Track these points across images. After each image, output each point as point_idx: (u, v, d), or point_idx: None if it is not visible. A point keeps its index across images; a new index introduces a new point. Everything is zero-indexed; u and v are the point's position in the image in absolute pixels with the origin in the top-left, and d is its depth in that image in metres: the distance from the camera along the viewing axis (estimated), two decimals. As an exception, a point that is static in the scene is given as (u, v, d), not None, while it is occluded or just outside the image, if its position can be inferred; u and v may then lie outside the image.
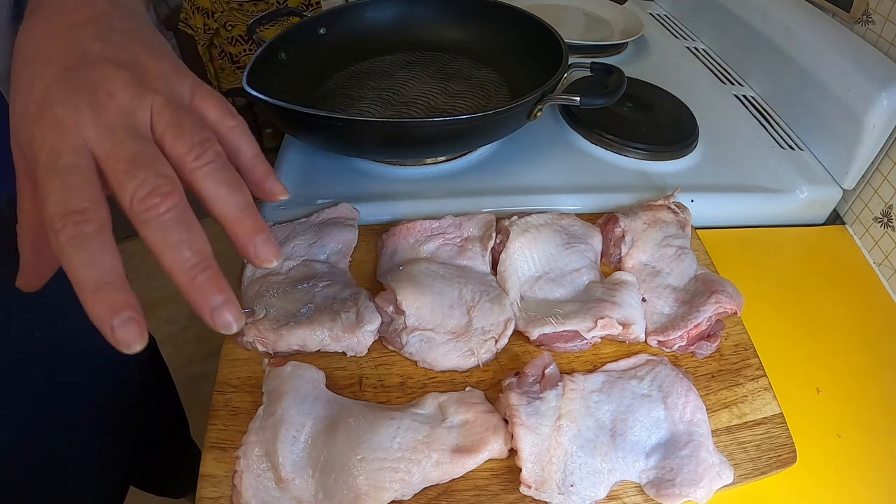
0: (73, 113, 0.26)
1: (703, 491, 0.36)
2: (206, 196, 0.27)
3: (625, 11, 0.93)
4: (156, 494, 0.85)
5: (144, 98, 0.27)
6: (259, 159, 0.32)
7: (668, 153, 0.64)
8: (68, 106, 0.26)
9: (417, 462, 0.36)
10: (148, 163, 0.26)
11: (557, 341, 0.44)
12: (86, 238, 0.24)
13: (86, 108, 0.26)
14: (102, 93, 0.27)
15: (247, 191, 0.28)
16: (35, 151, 0.26)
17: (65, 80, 0.27)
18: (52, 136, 0.25)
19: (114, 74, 0.27)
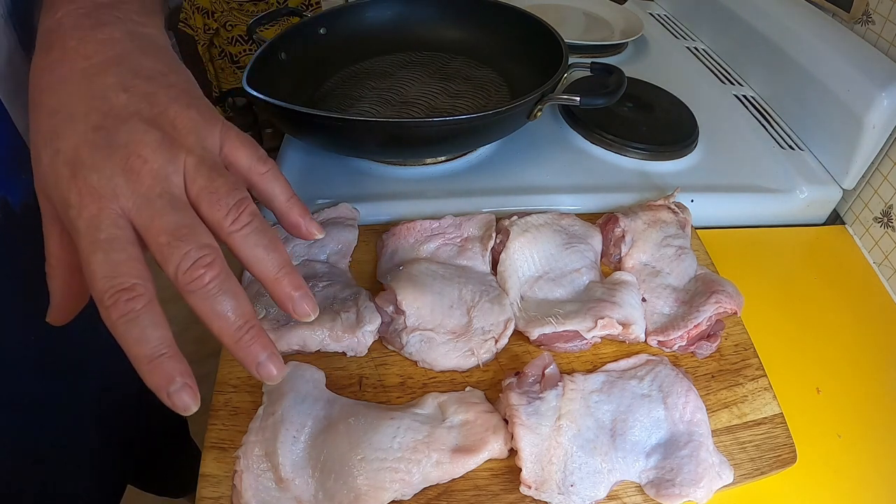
0: (108, 182, 0.26)
1: (703, 491, 0.36)
2: (245, 259, 0.29)
3: (625, 11, 0.93)
4: (156, 494, 0.85)
5: (177, 160, 0.28)
6: (293, 202, 0.33)
7: (668, 153, 0.64)
8: (102, 174, 0.26)
9: (417, 462, 0.36)
10: (189, 235, 0.27)
11: (557, 341, 0.44)
12: (137, 315, 0.25)
13: (120, 177, 0.26)
14: (135, 158, 0.27)
15: (283, 249, 0.30)
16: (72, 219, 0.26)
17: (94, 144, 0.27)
18: (90, 205, 0.26)
19: (144, 135, 0.27)
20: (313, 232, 0.34)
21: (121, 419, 0.58)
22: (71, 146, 0.27)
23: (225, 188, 0.28)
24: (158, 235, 0.26)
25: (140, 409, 0.63)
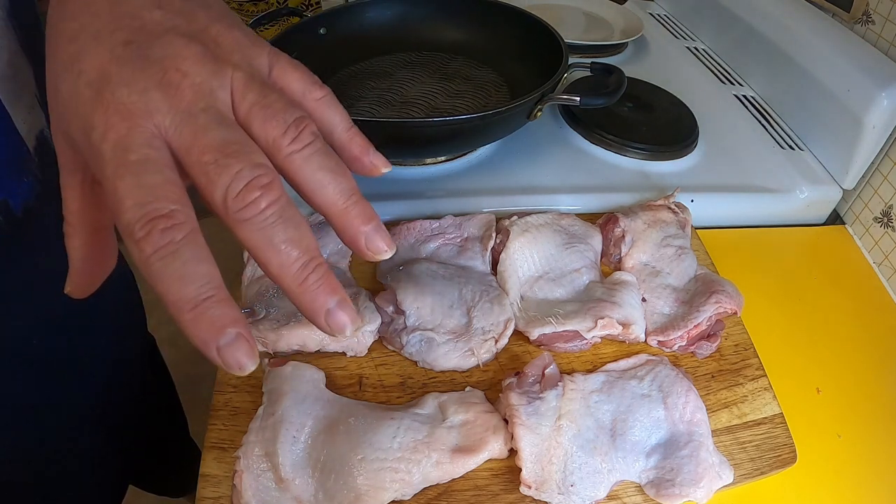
0: (142, 96, 0.22)
1: (703, 491, 0.36)
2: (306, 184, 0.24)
3: (625, 11, 0.93)
4: (156, 494, 0.85)
5: (223, 74, 0.23)
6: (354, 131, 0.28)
7: (668, 153, 0.64)
8: (134, 88, 0.22)
9: (417, 462, 0.36)
10: (240, 151, 0.22)
11: (557, 341, 0.44)
12: (177, 247, 0.20)
13: (156, 91, 0.22)
14: (174, 71, 0.23)
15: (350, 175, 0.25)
16: (94, 144, 0.22)
17: (125, 58, 0.23)
18: (118, 125, 0.22)
19: (184, 48, 0.23)
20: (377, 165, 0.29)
21: (122, 419, 0.58)
22: (96, 65, 0.23)
23: (280, 104, 0.24)
24: (202, 154, 0.22)
25: (141, 409, 0.63)
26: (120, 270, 0.57)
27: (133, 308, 0.61)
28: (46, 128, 0.39)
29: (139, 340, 0.63)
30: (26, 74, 0.37)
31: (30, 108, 0.37)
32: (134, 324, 0.61)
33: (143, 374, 0.64)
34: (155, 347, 0.73)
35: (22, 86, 0.36)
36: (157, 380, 0.72)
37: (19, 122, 0.36)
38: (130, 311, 0.60)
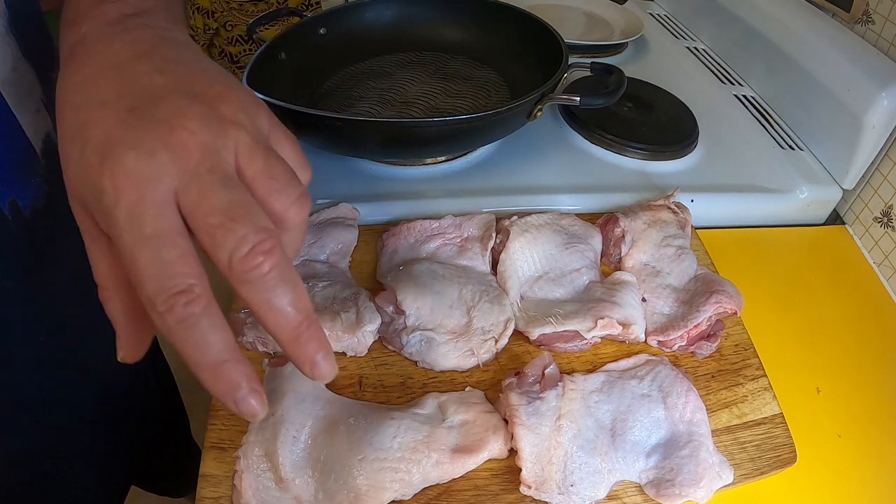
0: (149, 159, 0.22)
1: (703, 491, 0.36)
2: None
3: (625, 11, 0.93)
4: (156, 494, 0.85)
5: (227, 135, 0.24)
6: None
7: (668, 153, 0.64)
8: (141, 151, 0.22)
9: (417, 462, 0.36)
10: (245, 215, 0.23)
11: (557, 341, 0.44)
12: (196, 319, 0.22)
13: (163, 152, 0.23)
14: (180, 129, 0.23)
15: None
16: (107, 209, 0.22)
17: (130, 123, 0.23)
18: (128, 192, 0.22)
19: (188, 108, 0.24)
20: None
21: (124, 419, 0.58)
22: (102, 132, 0.23)
23: (285, 177, 0.25)
24: (209, 216, 0.22)
25: (144, 409, 0.63)
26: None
27: None
28: (52, 130, 0.40)
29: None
30: (30, 79, 0.37)
31: (36, 111, 0.38)
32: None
33: (146, 374, 0.64)
34: (157, 347, 0.73)
35: (27, 90, 0.37)
36: (159, 380, 0.72)
37: (26, 124, 0.37)
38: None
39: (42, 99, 0.39)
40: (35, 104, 0.38)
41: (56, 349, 0.44)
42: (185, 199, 0.23)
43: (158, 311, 0.22)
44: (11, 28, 0.36)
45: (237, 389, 0.23)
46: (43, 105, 0.39)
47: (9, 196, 0.36)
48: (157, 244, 0.22)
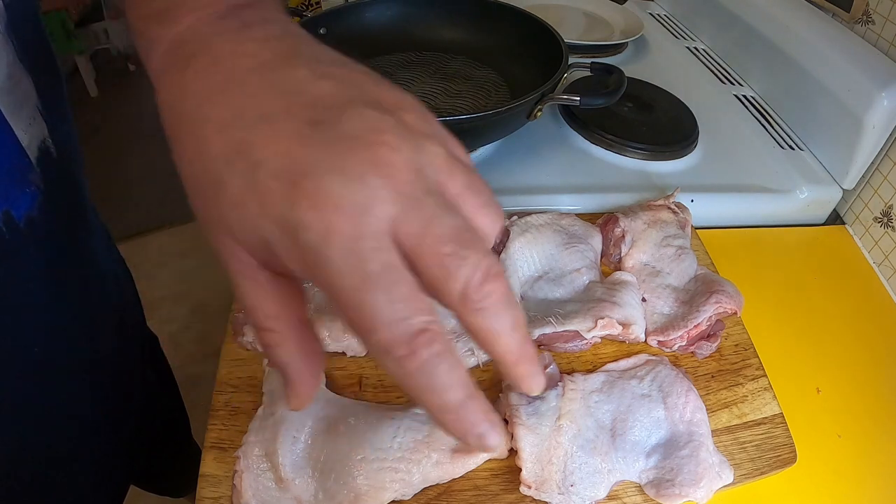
0: (359, 185, 0.19)
1: (703, 491, 0.36)
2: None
3: (625, 11, 0.93)
4: (156, 494, 0.85)
5: (425, 149, 0.21)
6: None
7: (668, 153, 0.64)
8: (347, 175, 0.19)
9: (417, 462, 0.36)
10: (472, 240, 0.21)
11: (557, 341, 0.44)
12: (438, 361, 0.20)
13: (373, 176, 0.19)
14: (380, 147, 0.20)
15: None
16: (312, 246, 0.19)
17: (318, 140, 0.20)
18: (340, 224, 0.19)
19: (378, 121, 0.21)
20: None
21: (124, 420, 0.58)
22: (279, 153, 0.20)
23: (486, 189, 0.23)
24: (440, 245, 0.20)
25: (143, 409, 0.63)
26: (118, 271, 0.58)
27: (131, 307, 0.61)
28: (48, 138, 0.39)
29: (139, 338, 0.63)
30: (26, 86, 0.37)
31: (31, 119, 0.37)
32: (134, 322, 0.61)
33: (145, 374, 0.64)
34: (157, 347, 0.73)
35: (22, 97, 0.36)
36: (160, 379, 0.72)
37: (20, 132, 0.36)
38: (130, 309, 0.60)
39: (38, 106, 0.38)
40: (30, 112, 0.37)
41: (53, 356, 0.44)
42: (408, 229, 0.20)
43: (397, 357, 0.20)
44: (9, 33, 0.35)
45: (478, 427, 0.22)
46: (39, 112, 0.38)
47: (2, 206, 0.36)
48: (386, 281, 0.19)
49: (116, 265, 0.58)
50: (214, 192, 0.21)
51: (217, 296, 1.85)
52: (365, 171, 0.20)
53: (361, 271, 0.19)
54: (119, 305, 0.56)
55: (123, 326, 0.56)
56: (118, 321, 0.55)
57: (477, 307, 0.21)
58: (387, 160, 0.20)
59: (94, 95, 2.85)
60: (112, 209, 2.14)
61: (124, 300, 0.58)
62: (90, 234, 0.49)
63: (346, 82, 0.22)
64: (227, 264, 0.22)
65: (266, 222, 0.20)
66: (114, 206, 2.18)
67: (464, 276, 0.20)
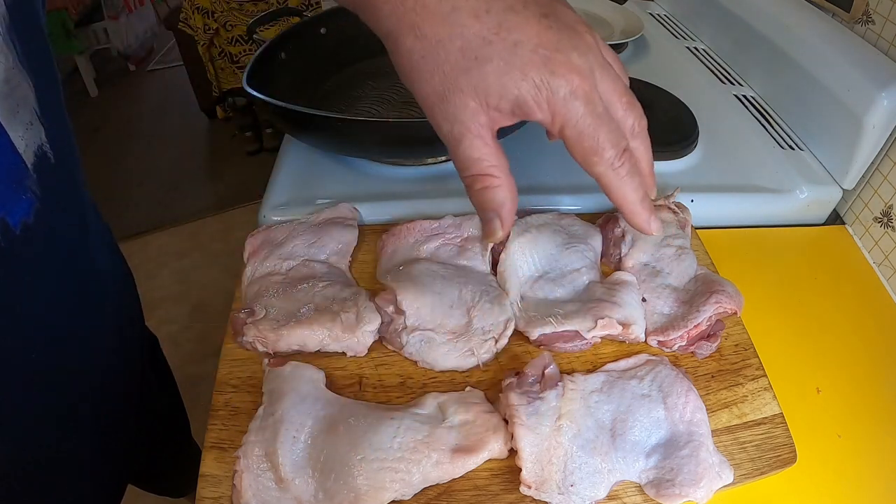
0: (586, 59, 0.30)
1: (703, 491, 0.36)
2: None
3: (625, 11, 0.93)
4: (156, 494, 0.85)
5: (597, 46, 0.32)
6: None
7: (668, 153, 0.64)
8: (581, 52, 0.29)
9: (417, 462, 0.36)
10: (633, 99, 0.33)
11: (557, 341, 0.44)
12: (634, 169, 0.32)
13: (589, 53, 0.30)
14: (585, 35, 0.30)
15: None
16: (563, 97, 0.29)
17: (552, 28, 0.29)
18: (580, 83, 0.29)
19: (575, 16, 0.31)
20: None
21: (123, 421, 0.58)
22: (532, 34, 0.29)
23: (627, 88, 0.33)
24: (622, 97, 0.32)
25: (142, 409, 0.63)
26: (118, 272, 0.58)
27: (131, 308, 0.61)
28: (45, 143, 0.39)
29: (138, 338, 0.63)
30: (24, 90, 0.36)
31: (28, 123, 0.37)
32: (132, 323, 0.61)
33: (145, 374, 0.64)
34: (157, 347, 0.73)
35: (20, 102, 0.36)
36: (159, 379, 0.72)
37: (17, 138, 0.36)
38: (128, 310, 0.60)
39: (35, 110, 0.37)
40: (28, 116, 0.37)
41: (51, 361, 0.44)
42: (606, 87, 0.31)
43: (616, 167, 0.32)
44: (10, 36, 0.34)
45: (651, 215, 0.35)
46: (36, 117, 0.37)
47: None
48: (606, 120, 0.31)
49: (117, 265, 0.58)
50: (477, 64, 0.29)
51: (217, 296, 1.85)
52: (585, 49, 0.30)
53: (595, 113, 0.30)
54: (119, 306, 0.56)
55: (123, 327, 0.56)
56: (117, 322, 0.55)
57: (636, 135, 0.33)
58: (590, 43, 0.31)
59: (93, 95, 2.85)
60: (112, 209, 2.14)
61: (124, 301, 0.58)
62: (89, 237, 0.49)
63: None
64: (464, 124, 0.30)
65: (527, 84, 0.29)
66: (114, 206, 2.18)
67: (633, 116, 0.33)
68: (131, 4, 2.91)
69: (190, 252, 1.97)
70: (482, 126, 0.31)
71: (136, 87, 3.00)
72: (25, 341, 0.41)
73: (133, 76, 3.07)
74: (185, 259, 1.94)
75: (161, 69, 3.16)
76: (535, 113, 0.30)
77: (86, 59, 2.74)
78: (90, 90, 2.82)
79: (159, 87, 3.02)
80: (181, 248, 1.99)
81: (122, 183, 2.37)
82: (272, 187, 0.59)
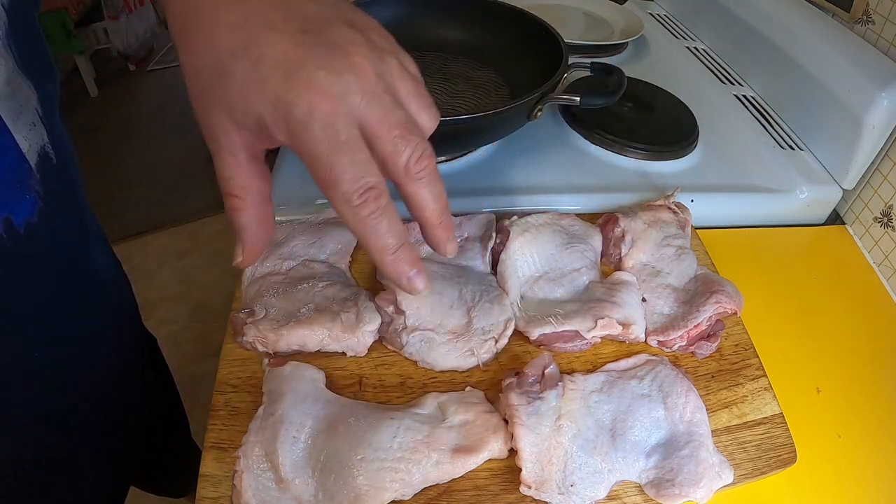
0: (338, 79, 0.26)
1: (703, 491, 0.36)
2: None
3: (625, 11, 0.93)
4: (156, 494, 0.85)
5: (385, 61, 0.28)
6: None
7: (668, 153, 0.64)
8: (329, 70, 0.26)
9: (417, 462, 0.36)
10: (415, 128, 0.28)
11: (557, 341, 0.44)
12: (382, 210, 0.27)
13: (349, 74, 0.26)
14: (355, 55, 0.27)
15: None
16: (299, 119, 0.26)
17: (309, 44, 0.26)
18: (322, 104, 0.26)
19: (354, 36, 0.28)
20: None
21: (123, 422, 0.58)
22: (278, 51, 0.26)
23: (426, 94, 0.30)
24: (392, 129, 0.27)
25: (142, 410, 0.63)
26: (115, 273, 0.58)
27: (130, 308, 0.61)
28: (48, 144, 0.39)
29: (138, 339, 0.63)
30: (26, 92, 0.37)
31: (31, 124, 0.37)
32: (132, 323, 0.62)
33: (144, 375, 0.64)
34: (156, 347, 0.73)
35: (22, 103, 0.36)
36: (158, 380, 0.72)
37: (20, 138, 0.36)
38: (128, 311, 0.60)
39: (37, 111, 0.38)
40: (30, 118, 0.37)
41: (52, 361, 0.44)
42: (369, 115, 0.27)
43: (354, 205, 0.27)
44: (8, 39, 0.35)
45: (410, 269, 0.29)
46: (39, 118, 0.38)
47: (2, 213, 0.36)
48: (351, 149, 0.26)
49: (114, 268, 0.58)
50: (221, 79, 0.27)
51: (217, 296, 1.85)
52: (343, 70, 0.26)
53: (334, 139, 0.26)
54: (117, 307, 0.56)
55: (122, 328, 0.56)
56: (117, 322, 0.55)
57: (414, 178, 0.28)
58: (359, 65, 0.27)
59: (93, 95, 2.85)
60: (112, 209, 2.14)
61: (122, 302, 0.58)
62: (88, 238, 0.49)
63: (329, 6, 0.29)
64: (217, 140, 0.28)
65: (264, 102, 0.26)
66: (113, 206, 2.18)
67: (408, 152, 0.28)
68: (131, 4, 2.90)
69: (190, 252, 1.97)
70: (235, 144, 0.28)
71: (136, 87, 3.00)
72: (25, 341, 0.41)
73: (133, 76, 3.07)
74: (185, 259, 1.93)
75: (161, 69, 3.16)
76: (275, 134, 0.27)
77: (86, 59, 2.74)
78: (90, 90, 2.82)
79: (159, 87, 3.02)
80: (181, 248, 1.99)
81: (122, 183, 2.37)
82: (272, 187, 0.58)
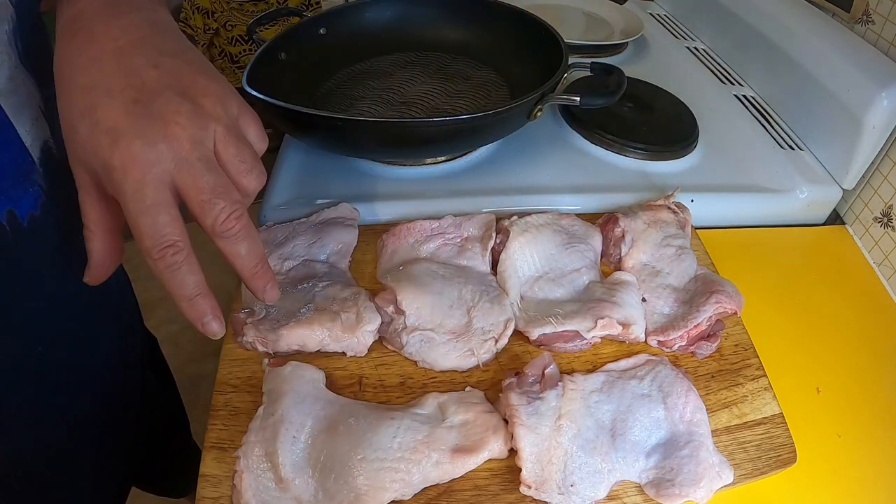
0: (151, 148, 0.29)
1: (703, 491, 0.36)
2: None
3: (625, 11, 0.93)
4: (156, 494, 0.85)
5: (208, 128, 0.31)
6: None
7: (668, 153, 0.64)
8: (145, 140, 0.29)
9: (417, 462, 0.36)
10: (225, 192, 0.31)
11: (557, 341, 0.44)
12: (179, 264, 0.31)
13: (162, 143, 0.30)
14: (173, 125, 0.30)
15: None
16: (116, 181, 0.29)
17: (134, 114, 0.30)
18: (134, 170, 0.29)
19: (179, 105, 0.31)
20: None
21: (124, 421, 0.58)
22: (110, 118, 0.29)
23: (251, 158, 0.33)
24: (200, 194, 0.30)
25: (143, 410, 0.63)
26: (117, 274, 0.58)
27: (130, 308, 0.61)
28: (51, 139, 0.40)
29: (138, 338, 0.63)
30: (29, 87, 0.37)
31: (34, 119, 0.38)
32: (132, 323, 0.62)
33: (144, 375, 0.64)
34: (156, 347, 0.73)
35: (25, 98, 0.37)
36: (158, 380, 0.72)
37: (24, 133, 0.37)
38: (128, 311, 0.60)
39: (41, 107, 0.38)
40: (33, 112, 0.38)
41: (54, 358, 0.44)
42: (180, 180, 0.30)
43: (154, 259, 0.30)
44: (13, 36, 0.36)
45: (204, 316, 0.32)
46: (41, 113, 0.39)
47: (6, 206, 0.37)
48: (154, 212, 0.29)
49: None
50: (73, 134, 0.30)
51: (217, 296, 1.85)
52: (157, 139, 0.30)
53: (141, 202, 0.29)
54: (118, 307, 0.56)
55: (123, 328, 0.57)
56: (117, 323, 0.55)
57: (222, 236, 0.32)
58: (174, 134, 0.30)
59: (94, 95, 2.85)
60: (112, 209, 2.13)
61: (123, 302, 0.58)
62: None
63: (169, 72, 0.32)
64: (77, 179, 0.31)
65: (97, 161, 0.30)
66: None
67: (213, 215, 0.31)
68: (131, 4, 2.91)
69: (190, 252, 1.97)
70: (88, 184, 0.31)
71: (136, 87, 3.01)
72: (26, 341, 0.41)
73: (133, 76, 3.07)
74: (185, 259, 1.93)
75: (161, 69, 3.16)
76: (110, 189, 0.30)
77: (86, 59, 2.74)
78: (90, 90, 2.82)
79: (159, 87, 3.02)
80: (181, 248, 1.99)
81: (122, 183, 2.37)
82: (272, 188, 0.59)
